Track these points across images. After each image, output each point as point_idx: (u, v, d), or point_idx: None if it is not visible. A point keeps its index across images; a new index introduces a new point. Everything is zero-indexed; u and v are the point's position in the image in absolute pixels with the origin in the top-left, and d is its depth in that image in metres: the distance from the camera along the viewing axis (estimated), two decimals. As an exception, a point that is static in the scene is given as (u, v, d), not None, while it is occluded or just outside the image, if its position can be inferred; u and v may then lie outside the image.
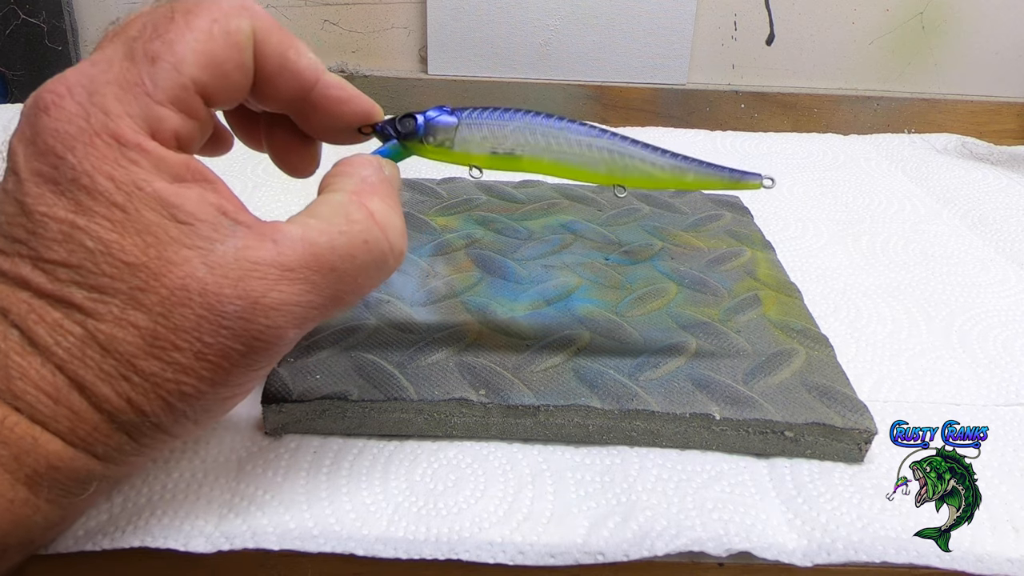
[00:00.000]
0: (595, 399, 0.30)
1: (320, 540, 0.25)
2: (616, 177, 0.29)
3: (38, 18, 0.68)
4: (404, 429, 0.30)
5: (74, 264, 0.20)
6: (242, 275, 0.20)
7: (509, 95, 0.72)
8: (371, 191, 0.23)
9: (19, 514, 0.20)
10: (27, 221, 0.20)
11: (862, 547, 0.26)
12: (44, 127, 0.20)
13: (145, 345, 0.20)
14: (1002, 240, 0.49)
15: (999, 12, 0.71)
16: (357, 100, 0.26)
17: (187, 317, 0.20)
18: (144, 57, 0.21)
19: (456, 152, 0.28)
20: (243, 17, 0.22)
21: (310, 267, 0.21)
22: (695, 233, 0.43)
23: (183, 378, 0.20)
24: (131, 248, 0.20)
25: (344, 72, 0.71)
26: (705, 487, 0.28)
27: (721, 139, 0.65)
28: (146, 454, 0.22)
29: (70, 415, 0.20)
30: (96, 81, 0.20)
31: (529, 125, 0.28)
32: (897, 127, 0.73)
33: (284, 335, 0.21)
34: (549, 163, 0.28)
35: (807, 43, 0.72)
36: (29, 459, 0.20)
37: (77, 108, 0.20)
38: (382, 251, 0.23)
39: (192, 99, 0.21)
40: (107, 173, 0.20)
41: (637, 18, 0.70)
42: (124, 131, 0.20)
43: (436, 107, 0.27)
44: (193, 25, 0.21)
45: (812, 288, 0.41)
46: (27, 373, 0.20)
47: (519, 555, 0.25)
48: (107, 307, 0.20)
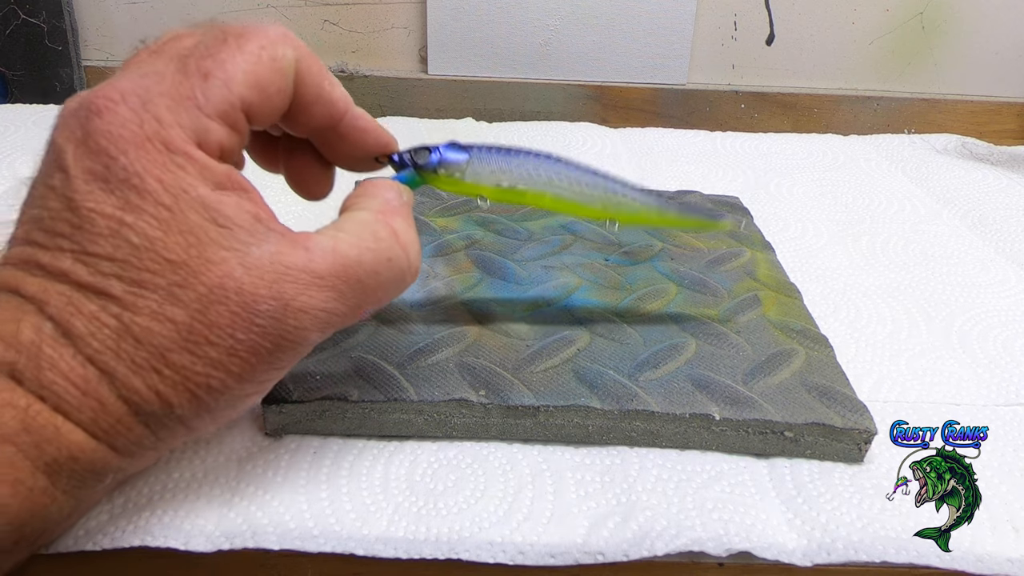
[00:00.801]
0: (595, 399, 0.30)
1: (320, 540, 0.25)
2: (610, 212, 0.31)
3: (38, 18, 0.68)
4: (404, 430, 0.30)
5: (118, 258, 0.21)
6: (276, 278, 0.22)
7: (509, 95, 0.72)
8: (394, 212, 0.25)
9: (37, 503, 0.20)
10: (73, 216, 0.21)
11: (862, 547, 0.26)
12: (97, 129, 0.21)
13: (179, 339, 0.21)
14: (1002, 240, 0.49)
15: (999, 12, 0.71)
16: (379, 132, 0.28)
17: (222, 314, 0.21)
18: (197, 73, 0.22)
19: (466, 183, 0.29)
20: (288, 46, 0.24)
21: (338, 276, 0.23)
22: (695, 233, 0.43)
23: (212, 372, 0.21)
24: (174, 246, 0.21)
25: (344, 72, 0.71)
26: (705, 487, 0.28)
27: (721, 140, 0.65)
28: (160, 449, 0.23)
29: (96, 406, 0.20)
30: (150, 91, 0.22)
31: (534, 164, 0.30)
32: (897, 127, 0.73)
33: (308, 337, 0.23)
34: (550, 198, 0.30)
35: (807, 43, 0.72)
36: (50, 448, 0.20)
37: (131, 114, 0.21)
38: (402, 269, 0.25)
39: (237, 115, 0.23)
40: (156, 176, 0.21)
41: (637, 18, 0.70)
42: (174, 139, 0.21)
43: (448, 142, 0.29)
44: (244, 48, 0.23)
45: (812, 288, 0.41)
46: (57, 364, 0.20)
47: (519, 555, 0.25)
48: (145, 301, 0.21)
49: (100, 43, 0.72)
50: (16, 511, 0.20)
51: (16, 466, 0.20)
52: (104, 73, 0.71)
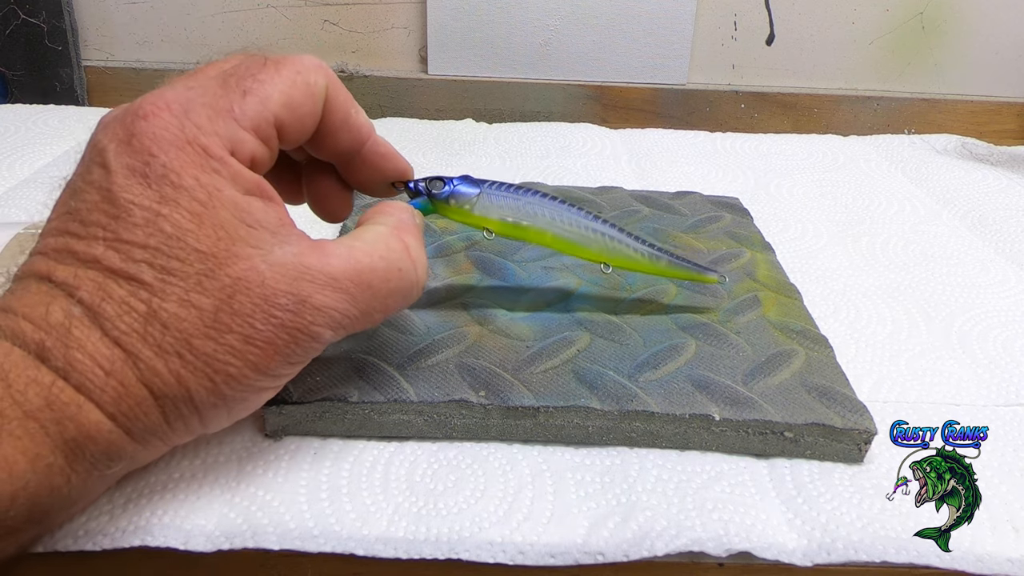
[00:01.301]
0: (595, 400, 0.30)
1: (320, 540, 0.25)
2: (604, 256, 0.33)
3: (38, 18, 0.68)
4: (404, 431, 0.30)
5: (151, 246, 0.22)
6: (296, 276, 0.23)
7: (509, 95, 0.72)
8: (407, 230, 0.27)
9: (53, 482, 0.21)
10: (111, 207, 0.22)
11: (862, 547, 0.26)
12: (142, 130, 0.23)
13: (203, 325, 0.22)
14: (1002, 241, 0.49)
15: (999, 12, 0.71)
16: (397, 159, 0.30)
17: (244, 304, 0.22)
18: (237, 89, 0.24)
19: (475, 216, 0.31)
20: (321, 74, 0.26)
21: (352, 281, 0.24)
22: (695, 234, 0.43)
23: (232, 359, 0.23)
24: (204, 239, 0.22)
25: (344, 72, 0.71)
26: (705, 487, 0.28)
27: (721, 140, 0.65)
28: (170, 440, 0.24)
29: (118, 387, 0.21)
30: (193, 101, 0.23)
31: (539, 204, 0.32)
32: (897, 127, 0.73)
33: (322, 334, 0.24)
34: (551, 237, 0.33)
35: (807, 43, 0.72)
36: (71, 426, 0.21)
37: (174, 120, 0.23)
38: (411, 281, 0.26)
39: (270, 131, 0.25)
40: (193, 175, 0.23)
41: (637, 18, 0.70)
42: (211, 145, 0.23)
43: (461, 176, 0.32)
44: (281, 72, 0.25)
45: (812, 289, 0.41)
46: (84, 345, 0.21)
47: (519, 555, 0.25)
48: (174, 288, 0.22)
49: (100, 43, 0.72)
50: (35, 487, 0.21)
51: (37, 441, 0.20)
52: (104, 73, 0.72)
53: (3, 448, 0.20)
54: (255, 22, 0.71)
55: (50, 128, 0.60)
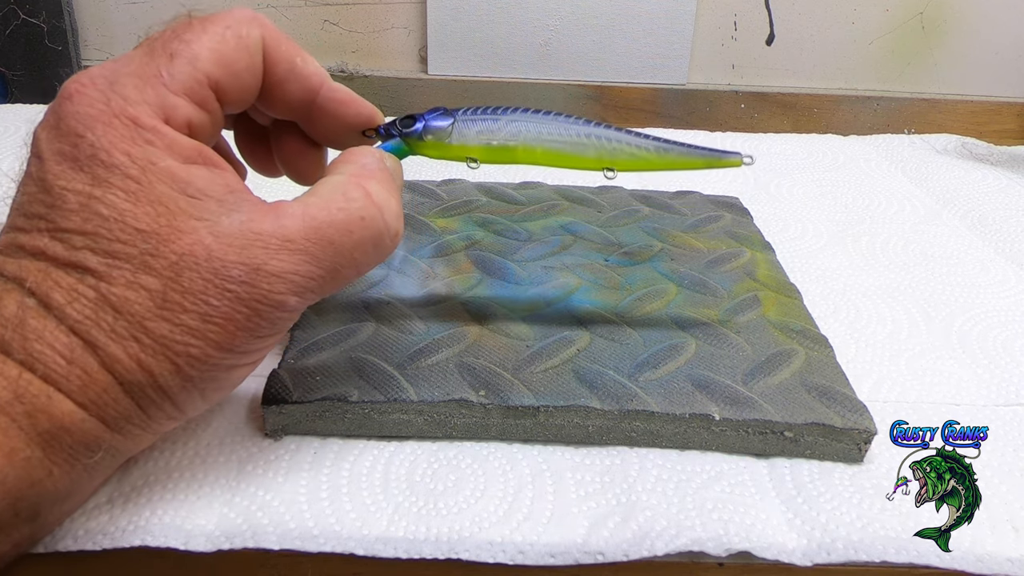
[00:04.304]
0: (595, 400, 0.30)
1: (320, 540, 0.25)
2: (605, 161, 0.30)
3: (38, 18, 0.68)
4: (404, 430, 0.30)
5: (89, 231, 0.21)
6: (246, 244, 0.22)
7: (509, 95, 0.72)
8: (369, 175, 0.25)
9: (33, 475, 0.21)
10: (47, 196, 0.22)
11: (862, 547, 0.26)
12: (67, 111, 0.22)
13: (155, 307, 0.21)
14: (1002, 241, 0.49)
15: (999, 12, 0.71)
16: (358, 103, 0.28)
17: (194, 280, 0.22)
18: (163, 53, 0.23)
19: (453, 146, 0.29)
20: (254, 26, 0.25)
21: (309, 239, 0.23)
22: (695, 234, 0.43)
23: (191, 340, 0.22)
24: (143, 216, 0.21)
25: (344, 72, 0.71)
26: (705, 487, 0.28)
27: (721, 140, 0.65)
28: (151, 428, 0.23)
29: (82, 375, 0.21)
30: (118, 72, 0.23)
31: (521, 119, 0.30)
32: (897, 127, 0.73)
33: (285, 302, 0.23)
34: (541, 152, 0.30)
35: (807, 43, 0.72)
36: (42, 418, 0.21)
37: (98, 94, 0.22)
38: (378, 229, 0.24)
39: (205, 92, 0.23)
40: (123, 150, 0.22)
41: (637, 18, 0.70)
42: (140, 115, 0.22)
43: (433, 108, 0.30)
44: (208, 30, 0.24)
45: (812, 289, 0.41)
46: (42, 335, 0.21)
47: (519, 555, 0.25)
48: (120, 271, 0.21)
49: (100, 43, 0.72)
50: (13, 482, 0.20)
51: (10, 435, 0.20)
52: (104, 73, 0.71)
53: None
54: (255, 22, 0.71)
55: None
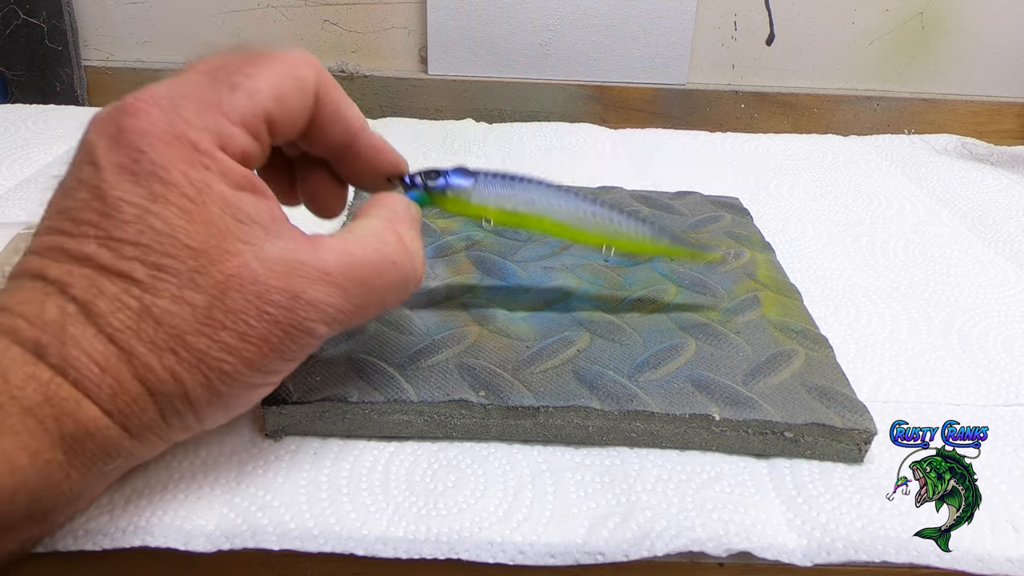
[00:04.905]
0: (595, 400, 0.30)
1: (320, 540, 0.25)
2: (605, 239, 0.33)
3: (38, 18, 0.68)
4: (404, 431, 0.30)
5: (142, 243, 0.22)
6: (288, 271, 0.23)
7: (509, 95, 0.72)
8: (401, 221, 0.27)
9: (53, 478, 0.21)
10: (101, 204, 0.22)
11: (862, 547, 0.26)
12: (129, 126, 0.23)
13: (196, 322, 0.22)
14: (1002, 241, 0.49)
15: (999, 12, 0.71)
16: (391, 152, 0.29)
17: (237, 300, 0.22)
18: (225, 83, 0.24)
19: (472, 204, 0.31)
20: (310, 69, 0.26)
21: (345, 275, 0.24)
22: (695, 234, 0.43)
23: (226, 356, 0.22)
24: (195, 235, 0.22)
25: (344, 72, 0.71)
26: (705, 487, 0.28)
27: (721, 141, 0.65)
28: (167, 437, 0.24)
29: (113, 384, 0.21)
30: (181, 97, 0.23)
31: (535, 190, 0.32)
32: (897, 127, 0.73)
33: (316, 330, 0.24)
34: (550, 223, 0.32)
35: (807, 43, 0.72)
36: (69, 423, 0.21)
37: (161, 115, 0.23)
38: (406, 273, 0.26)
39: (260, 125, 0.25)
40: (182, 170, 0.22)
41: (637, 18, 0.70)
42: (200, 140, 0.23)
43: (456, 167, 0.31)
44: (270, 67, 0.25)
45: (812, 289, 0.41)
46: (79, 342, 0.21)
47: (519, 555, 0.25)
48: (166, 284, 0.22)
49: (100, 43, 0.72)
50: (35, 483, 0.21)
51: (36, 437, 0.20)
52: (104, 73, 0.72)
53: (3, 443, 0.20)
54: (255, 22, 0.71)
55: (50, 128, 0.60)
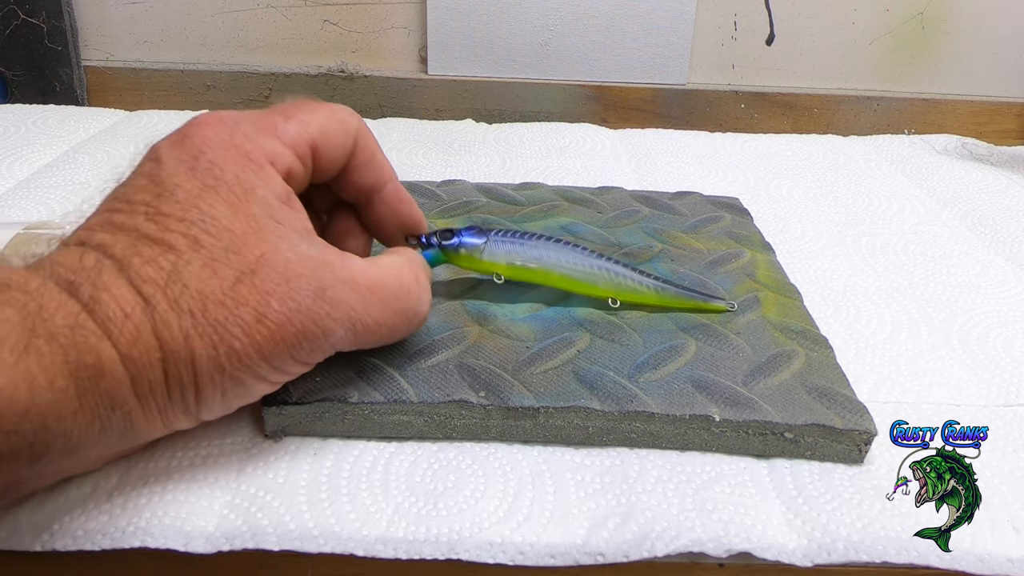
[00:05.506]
0: (595, 401, 0.30)
1: (320, 541, 0.25)
2: (611, 292, 0.35)
3: (38, 18, 0.68)
4: (404, 431, 0.30)
5: (187, 219, 0.24)
6: (318, 266, 0.25)
7: (509, 95, 0.72)
8: (419, 265, 0.30)
9: (63, 409, 0.22)
10: (157, 187, 0.25)
11: (862, 547, 0.26)
12: (194, 133, 0.26)
13: (221, 292, 0.23)
14: (1002, 241, 0.49)
15: (999, 12, 0.71)
16: (414, 205, 0.33)
17: (265, 281, 0.24)
18: (281, 115, 0.28)
19: (484, 261, 0.34)
20: (354, 117, 0.30)
21: (369, 287, 0.26)
22: (695, 235, 0.43)
23: (239, 333, 0.24)
24: (236, 222, 0.25)
25: (344, 72, 0.71)
26: (705, 488, 0.28)
27: (721, 141, 0.65)
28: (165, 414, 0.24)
29: (133, 332, 0.23)
30: (241, 118, 0.27)
31: (544, 246, 0.34)
32: (897, 127, 0.73)
33: (332, 330, 0.25)
34: (558, 276, 0.34)
35: (807, 43, 0.72)
36: (88, 356, 0.22)
37: (224, 127, 0.26)
38: (415, 309, 0.29)
39: (306, 151, 0.28)
40: (234, 172, 0.25)
41: (637, 18, 0.70)
42: (253, 151, 0.26)
43: (468, 226, 0.34)
44: (320, 109, 0.29)
45: (812, 289, 0.41)
46: (109, 287, 0.23)
47: (519, 555, 0.25)
48: (200, 256, 0.24)
49: (100, 43, 0.72)
50: (46, 408, 0.21)
51: (56, 363, 0.21)
52: (104, 73, 0.72)
53: (28, 361, 0.21)
54: (255, 22, 0.71)
55: (50, 128, 0.60)
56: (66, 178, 0.52)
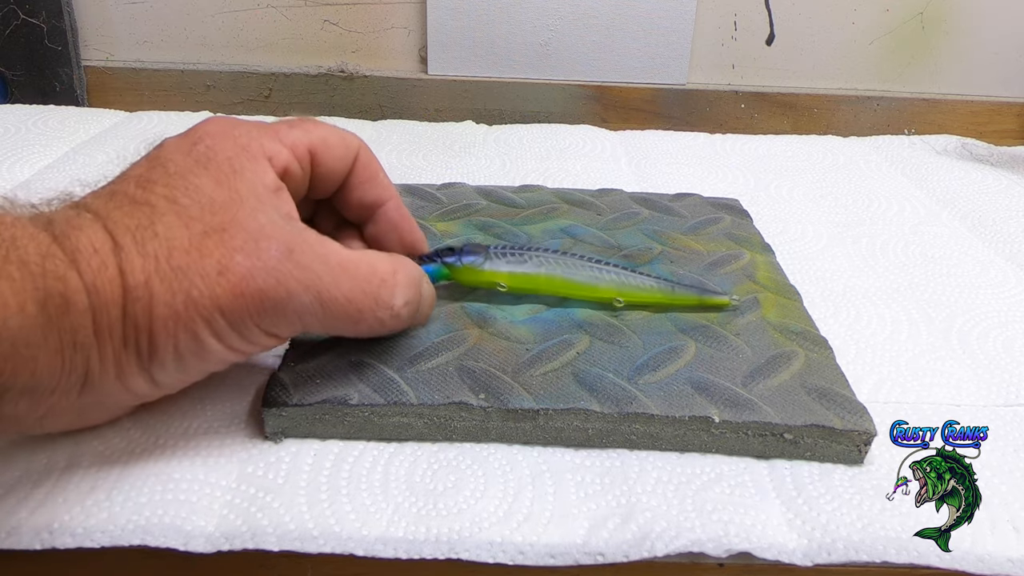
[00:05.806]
0: (594, 402, 0.30)
1: (320, 541, 0.25)
2: (615, 292, 0.35)
3: (38, 18, 0.68)
4: (404, 433, 0.30)
5: (172, 185, 0.25)
6: (290, 234, 0.26)
7: (509, 95, 0.72)
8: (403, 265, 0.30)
9: (31, 337, 0.22)
10: (152, 163, 0.26)
11: (862, 547, 0.26)
12: (199, 127, 0.28)
13: (188, 242, 0.24)
14: (1002, 242, 0.49)
15: (999, 12, 0.71)
16: (415, 224, 0.34)
17: (233, 238, 0.25)
18: (285, 123, 0.30)
19: (486, 272, 0.34)
20: (355, 138, 0.31)
21: (340, 264, 0.27)
22: (694, 236, 0.43)
23: (198, 282, 0.24)
24: (219, 194, 0.26)
25: (344, 72, 0.72)
26: (705, 488, 0.28)
27: (721, 142, 0.65)
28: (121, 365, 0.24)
29: (99, 264, 0.23)
30: (249, 122, 0.29)
31: (543, 256, 0.35)
32: (897, 127, 0.73)
33: (298, 295, 0.26)
34: (561, 281, 0.35)
35: (807, 43, 0.72)
36: (56, 286, 0.22)
37: (227, 124, 0.28)
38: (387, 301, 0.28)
39: (304, 153, 0.29)
40: (227, 156, 0.27)
41: (637, 18, 0.70)
42: (251, 144, 0.27)
43: (468, 243, 0.35)
44: (324, 124, 0.31)
45: (811, 290, 0.41)
46: (83, 227, 0.24)
47: (519, 555, 0.25)
48: (175, 210, 0.25)
49: (100, 43, 0.72)
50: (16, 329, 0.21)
51: (27, 289, 0.22)
52: (104, 73, 0.72)
53: (1, 285, 0.21)
54: (255, 22, 0.71)
55: (50, 128, 0.60)
56: (66, 179, 0.52)
